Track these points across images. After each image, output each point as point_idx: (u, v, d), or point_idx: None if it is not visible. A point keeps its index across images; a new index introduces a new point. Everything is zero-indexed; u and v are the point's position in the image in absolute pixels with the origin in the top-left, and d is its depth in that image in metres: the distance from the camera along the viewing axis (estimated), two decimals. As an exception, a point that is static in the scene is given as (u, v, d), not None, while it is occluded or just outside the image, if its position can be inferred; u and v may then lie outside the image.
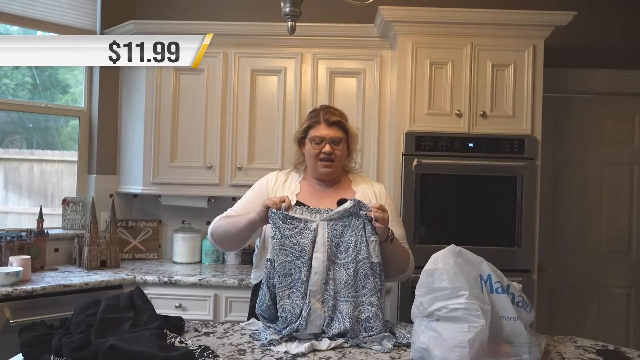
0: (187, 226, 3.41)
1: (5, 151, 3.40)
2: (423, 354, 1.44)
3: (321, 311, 1.67)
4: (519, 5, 3.06)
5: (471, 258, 1.50)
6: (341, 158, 1.95)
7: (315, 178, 2.00)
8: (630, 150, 3.49)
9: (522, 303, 1.50)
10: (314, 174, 1.99)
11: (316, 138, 1.92)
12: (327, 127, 1.92)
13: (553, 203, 3.47)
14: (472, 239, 2.80)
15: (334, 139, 1.91)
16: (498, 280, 1.48)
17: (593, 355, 1.61)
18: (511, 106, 2.86)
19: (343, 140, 1.94)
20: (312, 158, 1.94)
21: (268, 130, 3.17)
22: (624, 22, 3.43)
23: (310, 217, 1.77)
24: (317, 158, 1.92)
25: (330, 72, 3.13)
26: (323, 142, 1.91)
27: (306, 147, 1.96)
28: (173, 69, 3.17)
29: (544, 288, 3.21)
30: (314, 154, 1.93)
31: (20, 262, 2.69)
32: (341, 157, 1.95)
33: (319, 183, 1.99)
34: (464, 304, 1.39)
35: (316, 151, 1.92)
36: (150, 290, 2.79)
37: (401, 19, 2.86)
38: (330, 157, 1.91)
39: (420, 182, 2.81)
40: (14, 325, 2.42)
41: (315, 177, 2.00)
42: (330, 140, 1.91)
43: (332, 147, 1.91)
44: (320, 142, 1.91)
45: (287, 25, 1.96)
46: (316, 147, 1.92)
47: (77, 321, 1.53)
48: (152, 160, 3.19)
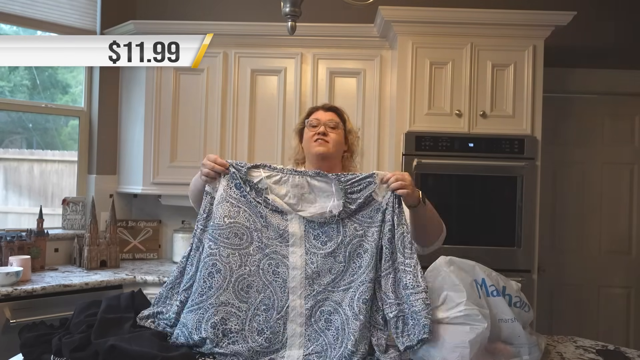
0: (187, 226, 3.41)
1: (5, 151, 3.40)
2: (423, 354, 1.44)
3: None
4: (519, 5, 3.06)
5: (463, 265, 1.51)
6: (336, 142, 1.89)
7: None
8: (630, 150, 3.49)
9: (520, 303, 1.50)
10: (311, 162, 1.93)
11: (313, 121, 1.91)
12: (323, 112, 1.94)
13: (553, 203, 3.47)
14: (472, 239, 2.80)
15: (329, 122, 1.90)
16: (492, 284, 1.48)
17: (593, 355, 1.61)
18: (511, 106, 2.86)
19: (339, 126, 1.92)
20: (308, 142, 1.91)
21: (268, 130, 3.17)
22: (624, 22, 3.43)
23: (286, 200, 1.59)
24: (312, 139, 1.89)
25: (330, 72, 3.13)
26: (319, 125, 1.89)
27: (304, 136, 1.95)
28: (173, 69, 3.17)
29: (544, 288, 3.21)
30: (309, 137, 1.90)
31: (20, 262, 2.69)
32: (337, 142, 1.89)
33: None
34: (464, 311, 1.39)
35: (312, 133, 1.90)
36: (150, 290, 2.79)
37: (401, 19, 2.86)
38: (325, 139, 1.86)
39: (420, 182, 2.81)
40: (14, 325, 2.42)
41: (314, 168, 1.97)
42: (326, 123, 1.89)
43: (328, 130, 1.88)
44: (317, 125, 1.90)
45: (287, 25, 1.96)
46: (312, 130, 1.90)
47: (77, 321, 1.53)
48: (152, 160, 3.19)
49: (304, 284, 1.56)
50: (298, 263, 1.58)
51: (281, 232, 1.60)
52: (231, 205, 1.60)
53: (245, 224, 1.59)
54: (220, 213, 1.59)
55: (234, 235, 1.58)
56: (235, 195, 1.61)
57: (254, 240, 1.59)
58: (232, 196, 1.61)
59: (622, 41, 3.42)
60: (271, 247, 1.59)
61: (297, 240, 1.60)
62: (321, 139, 1.86)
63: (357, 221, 1.59)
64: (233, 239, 1.57)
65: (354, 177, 1.60)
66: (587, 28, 3.32)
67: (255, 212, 1.61)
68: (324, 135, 1.86)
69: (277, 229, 1.60)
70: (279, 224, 1.60)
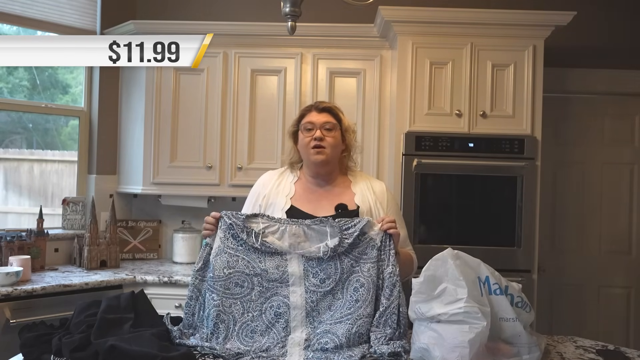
0: (187, 226, 3.41)
1: (5, 151, 3.40)
2: (423, 354, 1.44)
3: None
4: (519, 5, 3.06)
5: (469, 260, 1.50)
6: (334, 146, 1.86)
7: (310, 175, 1.92)
8: (630, 150, 3.49)
9: (522, 303, 1.50)
10: (309, 167, 1.92)
11: (307, 124, 1.87)
12: (317, 113, 1.89)
13: (553, 203, 3.47)
14: (472, 239, 2.80)
15: (325, 124, 1.86)
16: (496, 282, 1.48)
17: (593, 355, 1.61)
18: (511, 106, 2.86)
19: (335, 127, 1.88)
20: (304, 148, 1.88)
21: (268, 130, 3.17)
22: (624, 22, 3.43)
23: (283, 243, 1.65)
24: (309, 146, 1.85)
25: (330, 72, 3.13)
26: (314, 129, 1.86)
27: (299, 139, 1.91)
28: (173, 69, 3.17)
29: (544, 288, 3.21)
30: (305, 143, 1.86)
31: (20, 262, 2.69)
32: (334, 145, 1.86)
33: (315, 182, 1.92)
34: (464, 308, 1.39)
35: (308, 139, 1.86)
36: (150, 290, 2.79)
37: (401, 19, 2.86)
38: (322, 144, 1.83)
39: (420, 182, 2.81)
40: (14, 325, 2.42)
41: (310, 174, 1.92)
42: (321, 126, 1.85)
43: (324, 133, 1.85)
44: (312, 128, 1.86)
45: (287, 25, 1.95)
46: (307, 135, 1.86)
47: (77, 321, 1.54)
48: (152, 160, 3.19)
49: (305, 322, 1.61)
50: (298, 302, 1.62)
51: (281, 272, 1.65)
52: (229, 255, 1.66)
53: (245, 271, 1.65)
54: (220, 265, 1.65)
55: (235, 285, 1.64)
56: (232, 245, 1.67)
57: (254, 286, 1.64)
58: (229, 246, 1.67)
59: (622, 41, 3.42)
60: (272, 289, 1.64)
61: (297, 280, 1.64)
62: (318, 146, 1.84)
63: (353, 258, 1.65)
64: (234, 289, 1.63)
65: (350, 222, 1.67)
66: (587, 28, 3.32)
67: (254, 258, 1.66)
68: (321, 140, 1.84)
69: (276, 270, 1.65)
70: (278, 265, 1.66)
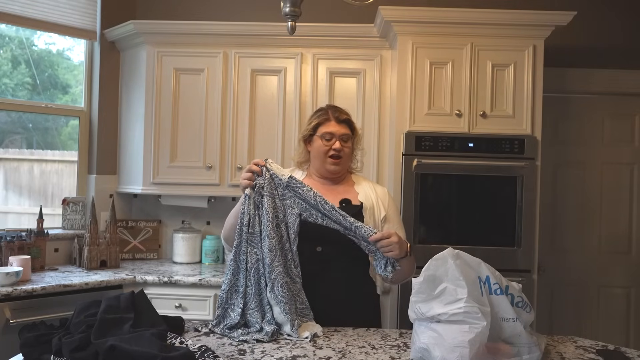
0: (187, 226, 3.41)
1: (5, 151, 3.40)
2: (423, 354, 1.44)
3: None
4: (519, 5, 3.06)
5: (469, 260, 1.49)
6: (349, 156, 1.98)
7: (320, 176, 2.00)
8: (630, 150, 3.49)
9: (522, 303, 1.50)
10: (320, 171, 1.99)
11: (326, 134, 1.93)
12: (337, 124, 1.95)
13: (553, 203, 3.47)
14: (472, 239, 2.80)
15: (343, 136, 1.94)
16: (497, 282, 1.47)
17: (593, 355, 1.61)
18: (511, 106, 2.86)
19: (351, 138, 1.98)
20: (321, 155, 1.95)
21: (268, 130, 3.17)
22: (624, 22, 3.43)
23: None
24: (327, 155, 1.94)
25: (330, 72, 3.13)
26: (333, 139, 1.93)
27: (314, 144, 1.97)
28: (173, 69, 3.17)
29: (544, 288, 3.21)
30: (323, 151, 1.94)
31: (20, 262, 2.69)
32: (349, 155, 1.98)
33: (323, 181, 2.00)
34: (464, 308, 1.38)
35: (326, 148, 1.93)
36: (150, 290, 2.79)
37: (401, 19, 2.86)
38: (339, 154, 1.93)
39: (420, 182, 2.81)
40: (14, 325, 2.42)
41: (320, 175, 2.00)
42: (340, 137, 1.93)
43: (341, 144, 1.93)
44: (331, 139, 1.93)
45: (287, 25, 1.96)
46: (326, 144, 1.93)
47: (77, 321, 1.53)
48: (152, 160, 3.19)
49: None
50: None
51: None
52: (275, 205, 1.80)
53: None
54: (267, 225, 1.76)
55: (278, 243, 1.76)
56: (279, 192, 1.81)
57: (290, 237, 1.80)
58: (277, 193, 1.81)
59: (622, 41, 3.42)
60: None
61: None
62: (337, 157, 1.93)
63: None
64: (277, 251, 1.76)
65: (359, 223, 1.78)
66: (587, 28, 3.32)
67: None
68: (339, 150, 1.92)
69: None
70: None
